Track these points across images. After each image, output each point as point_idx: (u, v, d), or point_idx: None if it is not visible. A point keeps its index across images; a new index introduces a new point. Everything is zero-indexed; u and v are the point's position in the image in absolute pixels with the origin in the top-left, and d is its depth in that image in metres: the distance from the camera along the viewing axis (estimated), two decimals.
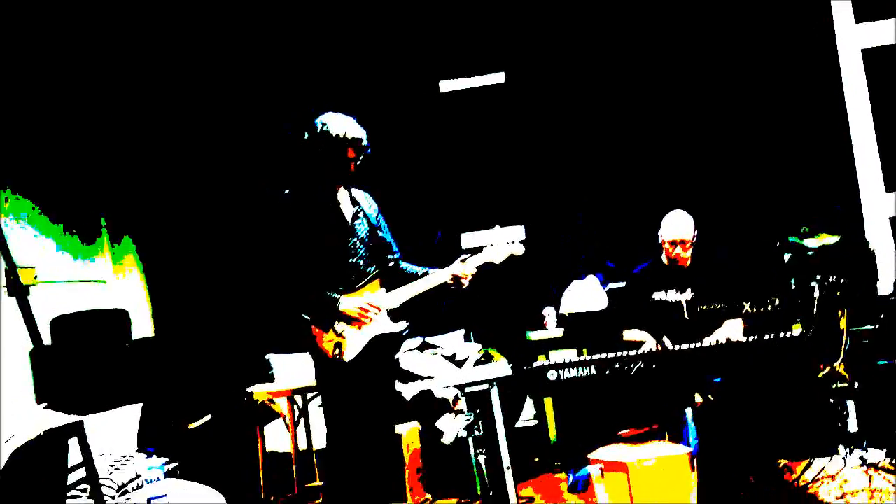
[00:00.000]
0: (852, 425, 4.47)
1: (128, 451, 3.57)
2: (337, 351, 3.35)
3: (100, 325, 4.66)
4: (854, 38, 5.80)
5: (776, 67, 5.76)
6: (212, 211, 5.88)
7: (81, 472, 2.70)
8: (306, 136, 3.45)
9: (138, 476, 3.39)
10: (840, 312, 4.55)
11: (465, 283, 3.51)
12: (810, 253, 5.04)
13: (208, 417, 4.77)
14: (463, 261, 3.52)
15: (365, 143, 3.45)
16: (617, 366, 3.64)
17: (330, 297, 3.36)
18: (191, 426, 4.62)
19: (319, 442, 4.30)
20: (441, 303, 3.66)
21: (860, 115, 5.79)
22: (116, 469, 3.33)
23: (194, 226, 5.88)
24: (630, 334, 4.44)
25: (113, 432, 3.64)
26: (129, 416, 3.82)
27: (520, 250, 3.70)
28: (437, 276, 3.51)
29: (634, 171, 5.86)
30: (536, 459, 5.04)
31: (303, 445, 4.37)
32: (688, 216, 4.46)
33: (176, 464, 3.74)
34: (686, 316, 3.77)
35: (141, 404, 3.97)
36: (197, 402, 4.86)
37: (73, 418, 2.59)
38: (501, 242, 3.66)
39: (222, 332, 5.64)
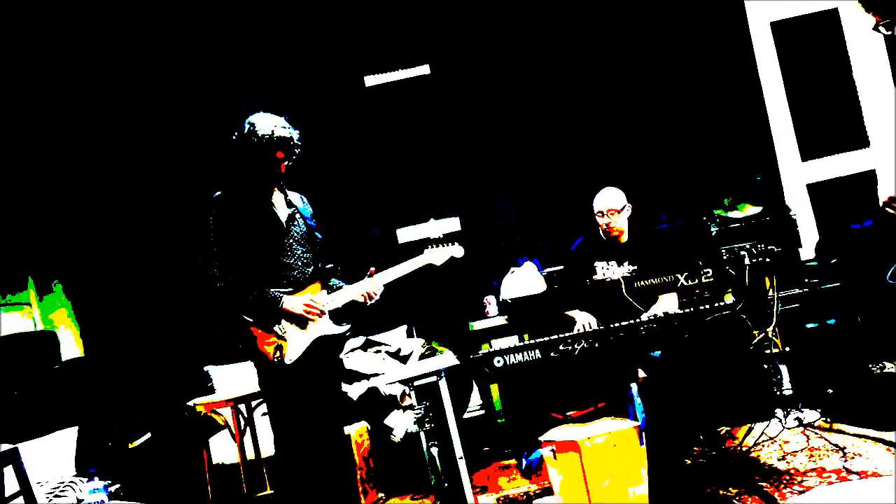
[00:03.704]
0: (787, 388, 4.62)
1: (67, 477, 3.43)
2: (278, 353, 3.28)
3: (26, 349, 4.47)
4: (763, 12, 5.99)
5: (691, 47, 5.91)
6: (136, 221, 5.69)
7: (20, 502, 2.58)
8: (235, 136, 3.38)
9: (80, 501, 3.26)
10: (768, 280, 4.70)
11: (372, 300, 3.49)
12: (735, 224, 5.19)
13: (148, 435, 4.63)
14: (370, 275, 3.49)
15: (295, 142, 3.39)
16: (561, 347, 3.66)
17: (272, 295, 3.29)
18: (131, 445, 4.48)
19: (267, 450, 4.22)
20: None
21: (773, 87, 5.98)
22: (56, 496, 3.19)
23: (119, 238, 5.68)
24: (568, 316, 4.49)
25: (50, 458, 3.50)
26: (65, 441, 3.67)
27: (459, 252, 3.71)
28: (349, 292, 3.48)
29: (563, 155, 5.93)
30: (486, 448, 5.04)
31: (250, 455, 4.27)
32: (616, 189, 4.55)
33: (119, 485, 3.61)
34: (624, 292, 3.82)
35: (76, 427, 3.82)
36: (135, 420, 4.71)
37: (7, 446, 2.47)
38: (439, 239, 3.67)
39: (156, 348, 5.48)
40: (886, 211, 2.70)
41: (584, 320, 4.31)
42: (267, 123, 3.36)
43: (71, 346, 5.46)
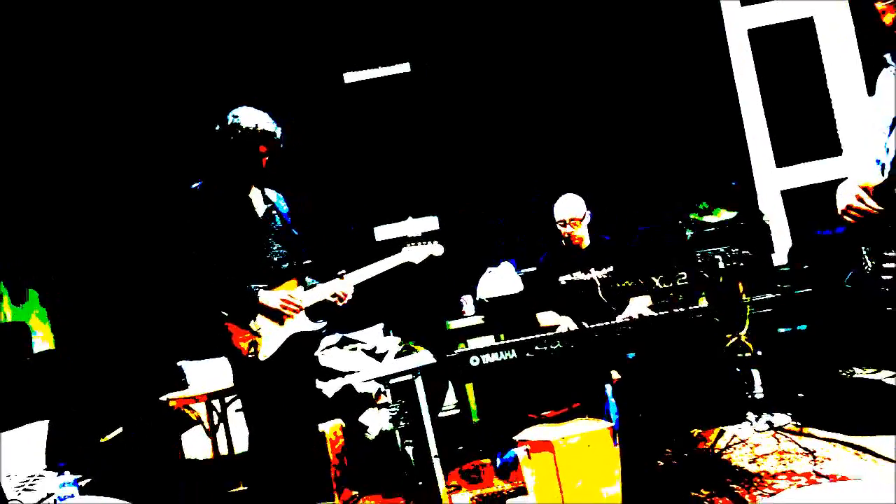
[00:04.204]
0: (758, 392, 4.67)
1: (37, 470, 3.38)
2: (252, 349, 3.26)
3: None
4: (740, 19, 6.05)
5: (669, 53, 5.96)
6: (110, 214, 5.62)
7: None
8: (218, 128, 3.35)
9: (50, 495, 3.22)
10: (741, 284, 4.75)
11: (344, 301, 3.48)
12: (710, 229, 5.24)
13: (120, 430, 4.57)
14: (341, 276, 3.49)
15: (278, 138, 3.38)
16: (537, 347, 3.67)
17: (249, 289, 3.27)
18: (103, 440, 4.42)
19: (241, 446, 4.19)
20: None
21: (749, 94, 6.05)
22: (25, 489, 3.15)
23: (91, 230, 5.61)
24: (544, 318, 4.50)
25: (19, 451, 3.45)
26: (35, 434, 3.62)
27: (439, 250, 3.71)
28: (320, 291, 3.47)
29: (541, 155, 5.95)
30: (461, 447, 5.04)
31: (224, 450, 4.24)
32: (575, 196, 4.55)
33: (90, 479, 3.57)
34: (600, 294, 3.84)
35: (47, 420, 3.77)
36: (107, 414, 4.65)
37: None
38: (417, 238, 3.67)
39: (129, 341, 5.42)
40: (844, 218, 2.74)
41: (564, 322, 4.33)
42: (251, 117, 3.34)
43: (42, 345, 5.38)
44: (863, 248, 2.78)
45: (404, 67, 5.94)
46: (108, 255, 5.61)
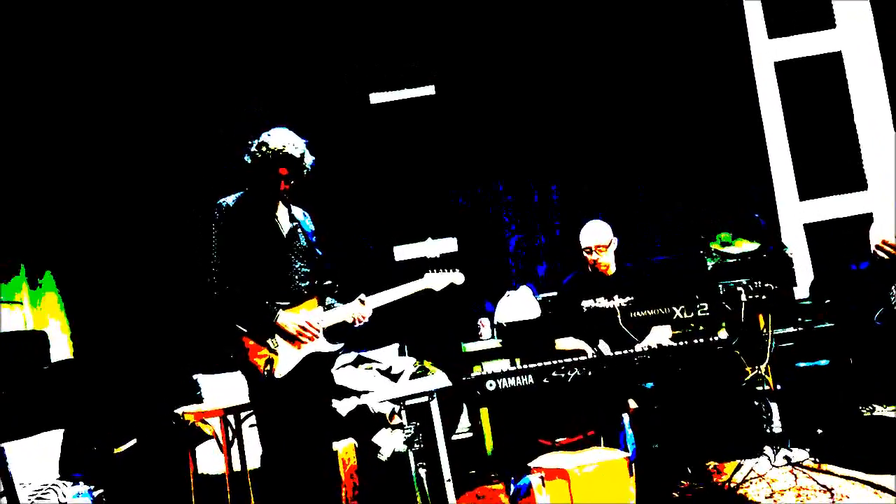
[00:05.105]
0: (777, 426, 4.61)
1: (51, 479, 3.39)
2: (268, 367, 3.27)
3: (16, 348, 4.43)
4: (767, 52, 6.05)
5: (697, 83, 5.96)
6: (133, 222, 5.65)
7: (2, 502, 2.55)
8: (249, 143, 3.40)
9: None
10: (762, 317, 4.70)
11: (359, 324, 3.49)
12: (732, 259, 5.20)
13: (134, 441, 4.58)
14: (362, 301, 3.49)
15: (303, 164, 3.40)
16: (554, 374, 3.66)
17: (268, 307, 3.29)
18: (116, 451, 4.43)
19: (254, 463, 4.18)
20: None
21: (775, 126, 6.02)
22: (39, 498, 3.16)
23: (116, 240, 5.64)
24: (563, 343, 4.48)
25: (34, 460, 3.46)
26: (50, 443, 3.63)
27: (460, 279, 3.70)
28: (339, 313, 3.48)
29: (561, 181, 5.95)
30: (473, 472, 5.01)
31: (237, 467, 4.23)
32: (602, 223, 4.53)
33: (103, 490, 3.58)
34: (620, 322, 3.82)
35: (63, 430, 3.79)
36: (122, 425, 4.67)
37: None
38: (439, 263, 3.67)
39: (147, 354, 5.43)
40: (877, 254, 2.72)
41: (588, 350, 4.29)
42: (280, 139, 3.37)
43: (62, 344, 5.41)
44: (893, 287, 2.76)
45: (429, 90, 5.97)
46: (129, 265, 5.64)
